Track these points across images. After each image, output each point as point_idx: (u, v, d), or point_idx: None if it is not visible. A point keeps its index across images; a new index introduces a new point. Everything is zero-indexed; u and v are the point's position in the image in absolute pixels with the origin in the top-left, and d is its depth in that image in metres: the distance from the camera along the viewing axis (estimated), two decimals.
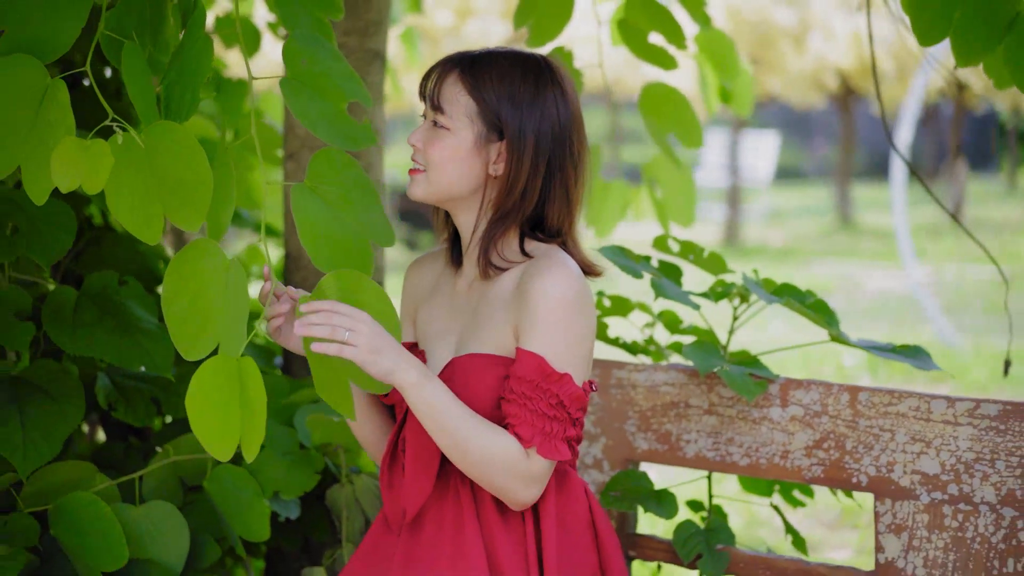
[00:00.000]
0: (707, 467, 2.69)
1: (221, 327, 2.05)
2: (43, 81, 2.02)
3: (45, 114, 2.03)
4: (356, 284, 2.10)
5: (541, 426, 2.13)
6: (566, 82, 2.26)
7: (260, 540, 2.78)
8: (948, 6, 2.38)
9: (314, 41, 2.15)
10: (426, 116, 2.26)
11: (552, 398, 2.14)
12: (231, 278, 2.06)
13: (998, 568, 2.38)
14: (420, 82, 2.29)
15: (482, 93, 2.20)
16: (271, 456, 2.84)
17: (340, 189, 2.11)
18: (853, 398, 2.54)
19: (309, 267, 3.32)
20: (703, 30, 3.85)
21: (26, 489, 2.75)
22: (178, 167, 1.99)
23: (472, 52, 2.27)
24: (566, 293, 2.16)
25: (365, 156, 3.34)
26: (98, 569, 2.63)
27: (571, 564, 2.22)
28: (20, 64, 2.01)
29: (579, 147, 2.27)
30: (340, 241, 2.10)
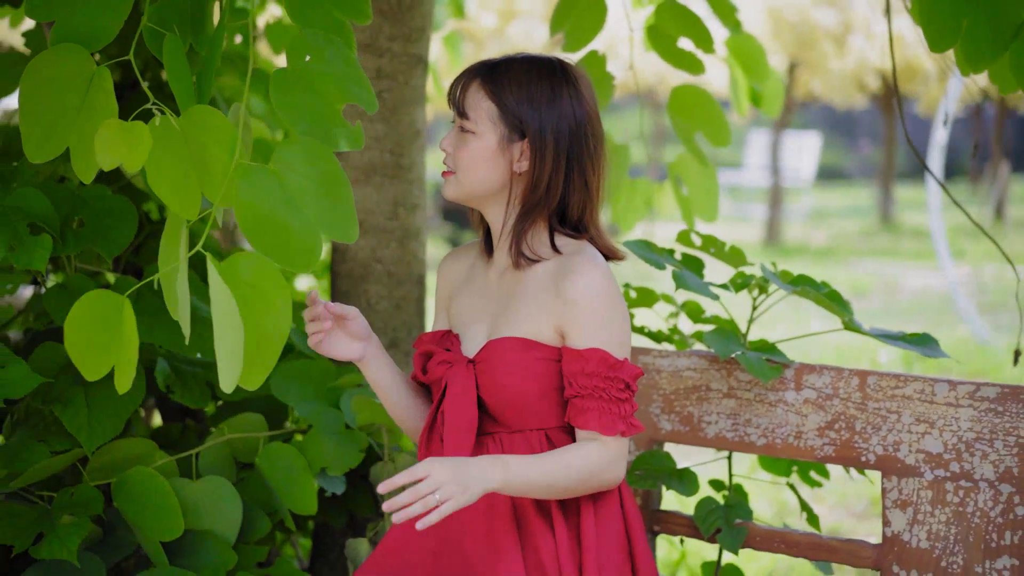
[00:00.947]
0: (726, 447, 2.86)
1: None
2: (90, 68, 2.15)
3: (91, 99, 2.16)
4: (257, 268, 2.13)
5: (617, 411, 2.32)
6: (580, 81, 2.43)
7: (308, 514, 2.95)
8: (957, 15, 2.49)
9: (324, 40, 2.22)
10: (454, 122, 2.44)
11: (620, 383, 2.33)
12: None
13: (996, 540, 2.54)
14: (448, 91, 2.46)
15: (502, 97, 2.37)
16: (319, 435, 3.01)
17: (305, 179, 2.13)
18: (862, 382, 2.71)
19: (355, 259, 3.50)
20: (734, 35, 4.01)
21: (91, 464, 2.92)
22: (212, 147, 2.10)
23: (492, 60, 2.44)
24: (602, 287, 2.34)
25: (409, 154, 3.52)
26: (157, 539, 2.79)
27: (602, 532, 2.40)
28: (68, 52, 2.15)
29: (595, 141, 2.43)
30: (285, 228, 2.11)
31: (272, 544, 3.28)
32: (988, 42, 2.50)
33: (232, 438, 3.04)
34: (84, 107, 2.15)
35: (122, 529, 2.94)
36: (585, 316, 2.32)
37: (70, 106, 2.16)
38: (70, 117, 2.16)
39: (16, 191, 2.71)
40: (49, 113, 2.15)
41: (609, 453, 2.34)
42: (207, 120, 2.08)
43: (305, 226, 2.12)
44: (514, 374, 2.37)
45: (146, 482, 2.81)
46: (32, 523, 2.75)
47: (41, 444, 2.85)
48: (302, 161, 2.13)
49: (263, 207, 2.09)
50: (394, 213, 3.49)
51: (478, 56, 16.12)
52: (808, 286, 2.87)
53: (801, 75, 17.69)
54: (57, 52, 2.14)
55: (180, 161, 2.09)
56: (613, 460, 2.34)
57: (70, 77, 2.14)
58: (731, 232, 19.14)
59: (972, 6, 2.48)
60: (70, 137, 2.17)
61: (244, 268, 2.08)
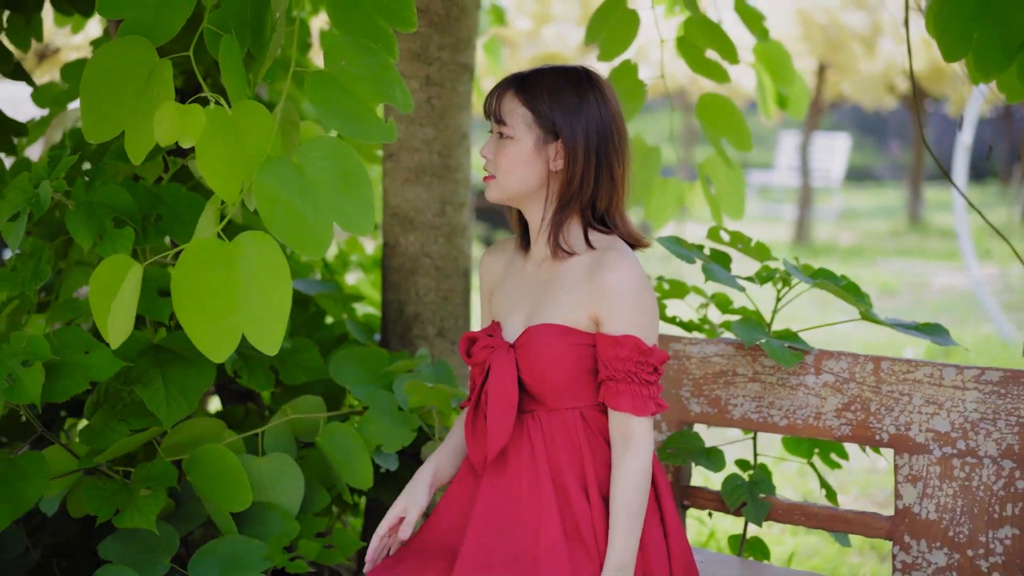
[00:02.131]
0: (751, 427, 3.09)
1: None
2: (152, 59, 2.35)
3: (151, 87, 2.35)
4: (262, 247, 2.27)
5: (647, 392, 2.55)
6: (603, 86, 2.66)
7: (364, 488, 3.18)
8: (968, 28, 2.68)
9: (361, 46, 2.42)
10: (492, 130, 2.67)
11: (649, 367, 2.55)
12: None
13: (998, 512, 2.77)
14: (484, 102, 2.70)
15: (536, 104, 2.60)
16: (374, 416, 3.24)
17: (325, 173, 2.28)
18: (876, 367, 2.93)
19: (405, 254, 3.74)
20: (761, 42, 4.24)
21: (165, 442, 3.16)
22: (255, 138, 2.28)
23: (523, 72, 2.67)
24: (635, 279, 2.56)
25: (456, 155, 3.77)
26: (226, 510, 3.04)
27: None
28: (134, 44, 2.34)
29: (620, 139, 2.66)
30: (300, 215, 2.25)
31: (331, 516, 3.51)
32: (997, 53, 2.68)
33: (294, 418, 3.27)
34: (143, 94, 2.34)
35: (193, 501, 3.18)
36: (619, 305, 2.55)
37: (130, 92, 2.34)
38: (130, 102, 2.34)
39: (101, 188, 2.95)
40: (110, 97, 2.34)
41: (638, 443, 2.55)
42: (253, 113, 2.27)
43: (319, 216, 2.26)
44: (551, 357, 2.60)
45: (216, 458, 3.05)
46: (113, 495, 2.99)
47: (121, 423, 3.10)
48: (324, 156, 2.29)
49: (280, 194, 2.24)
50: (442, 211, 3.73)
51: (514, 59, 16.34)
52: (827, 279, 3.09)
53: (830, 77, 17.81)
54: (123, 43, 2.34)
55: (227, 147, 2.26)
56: (644, 444, 2.56)
57: (133, 66, 2.34)
58: (761, 231, 19.28)
59: (982, 20, 2.67)
60: (128, 121, 2.35)
61: (250, 247, 2.25)
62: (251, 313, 2.24)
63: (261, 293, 2.24)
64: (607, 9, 3.73)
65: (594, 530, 2.56)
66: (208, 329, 2.25)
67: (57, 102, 4.59)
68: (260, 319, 2.24)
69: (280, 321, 2.26)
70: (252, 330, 2.25)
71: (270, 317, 2.24)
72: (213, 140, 2.24)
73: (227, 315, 2.24)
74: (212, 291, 2.23)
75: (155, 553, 3.02)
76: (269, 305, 2.24)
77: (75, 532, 3.51)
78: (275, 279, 2.24)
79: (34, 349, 2.83)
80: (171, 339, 3.16)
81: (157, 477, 3.04)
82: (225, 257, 2.23)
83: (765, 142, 29.20)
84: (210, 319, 2.24)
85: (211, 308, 2.24)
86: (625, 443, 2.55)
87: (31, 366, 2.79)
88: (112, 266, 2.33)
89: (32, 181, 2.88)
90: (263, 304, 2.24)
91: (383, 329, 3.87)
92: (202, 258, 2.23)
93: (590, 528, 2.56)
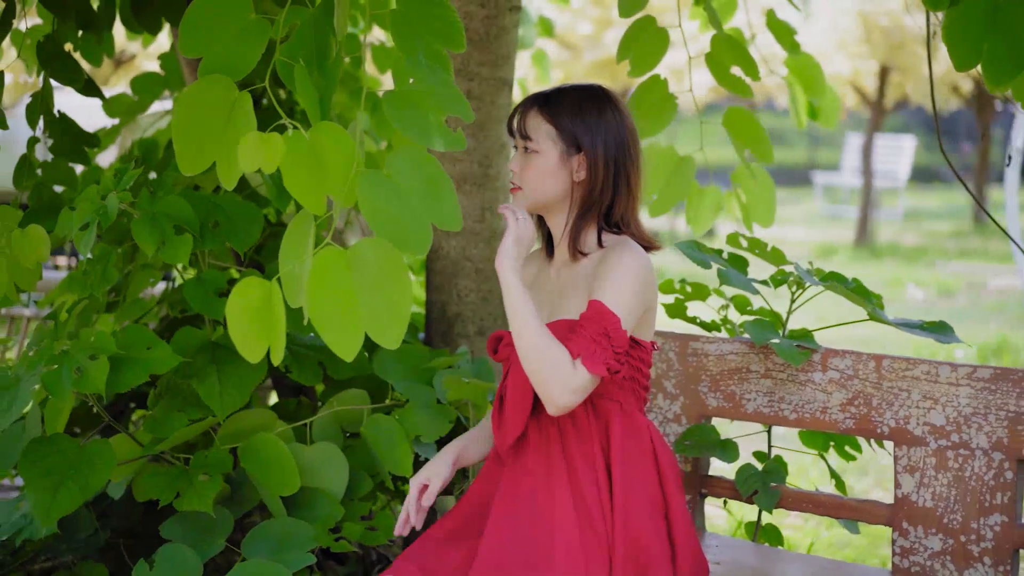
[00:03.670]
0: (763, 420, 3.31)
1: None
2: (232, 94, 2.53)
3: (234, 120, 2.53)
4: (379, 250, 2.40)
5: (588, 347, 2.70)
6: (619, 102, 2.89)
7: (404, 475, 3.43)
8: (979, 39, 2.83)
9: (424, 66, 2.61)
10: (517, 146, 2.89)
11: (601, 328, 2.71)
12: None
13: (989, 500, 2.97)
14: (508, 120, 2.92)
15: (559, 120, 2.83)
16: (414, 408, 3.49)
17: (413, 180, 2.43)
18: (878, 364, 3.14)
19: (447, 257, 3.98)
20: (792, 55, 4.45)
21: (221, 431, 3.42)
22: (334, 156, 2.44)
23: (544, 91, 2.90)
24: (631, 266, 2.76)
25: (496, 165, 4.01)
26: (276, 494, 3.29)
27: (633, 479, 2.83)
28: (215, 82, 2.53)
29: (635, 149, 2.88)
30: (400, 220, 2.41)
31: (374, 502, 3.77)
32: (1007, 63, 2.83)
33: (340, 410, 3.53)
34: (228, 127, 2.53)
35: (247, 487, 3.44)
36: (606, 278, 2.74)
37: (216, 126, 2.54)
38: (217, 135, 2.54)
39: (163, 198, 3.22)
40: (200, 133, 2.54)
41: (568, 371, 2.67)
42: (331, 134, 2.45)
43: (415, 217, 2.42)
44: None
45: (268, 446, 3.31)
46: (174, 480, 3.26)
47: (180, 414, 3.36)
48: (409, 166, 2.45)
49: (379, 204, 2.40)
50: (482, 216, 3.97)
51: (577, 63, 16.55)
52: (836, 281, 3.30)
53: (894, 78, 17.86)
54: (205, 82, 2.54)
55: (309, 167, 2.44)
56: (565, 379, 2.67)
57: (216, 102, 2.53)
58: (824, 233, 19.39)
59: (992, 32, 2.82)
60: (217, 152, 2.55)
61: (368, 252, 2.40)
62: (373, 312, 2.39)
63: (381, 293, 2.38)
64: (638, 27, 3.95)
65: (603, 515, 2.75)
66: (337, 330, 2.38)
67: (128, 112, 4.88)
68: (381, 317, 2.38)
69: (401, 316, 2.39)
70: (374, 328, 2.39)
71: (390, 314, 2.39)
72: (295, 162, 2.42)
73: (352, 316, 2.37)
74: (337, 296, 2.37)
75: (211, 534, 3.28)
76: (389, 303, 2.38)
77: (140, 515, 3.78)
78: (393, 278, 2.39)
79: (101, 345, 3.10)
80: (227, 337, 3.40)
81: (214, 464, 3.30)
82: (345, 264, 2.38)
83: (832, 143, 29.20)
84: (337, 321, 2.38)
85: (338, 311, 2.37)
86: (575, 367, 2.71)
87: (97, 360, 3.05)
88: (250, 289, 2.44)
89: (100, 193, 3.15)
90: (383, 303, 2.39)
91: (427, 328, 4.11)
92: (329, 267, 2.38)
93: (600, 513, 2.75)
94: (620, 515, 2.76)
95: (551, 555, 2.72)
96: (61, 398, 3.05)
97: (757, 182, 4.11)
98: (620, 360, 2.73)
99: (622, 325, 2.72)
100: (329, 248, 2.36)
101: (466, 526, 2.91)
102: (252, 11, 2.54)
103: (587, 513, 2.77)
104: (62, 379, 3.06)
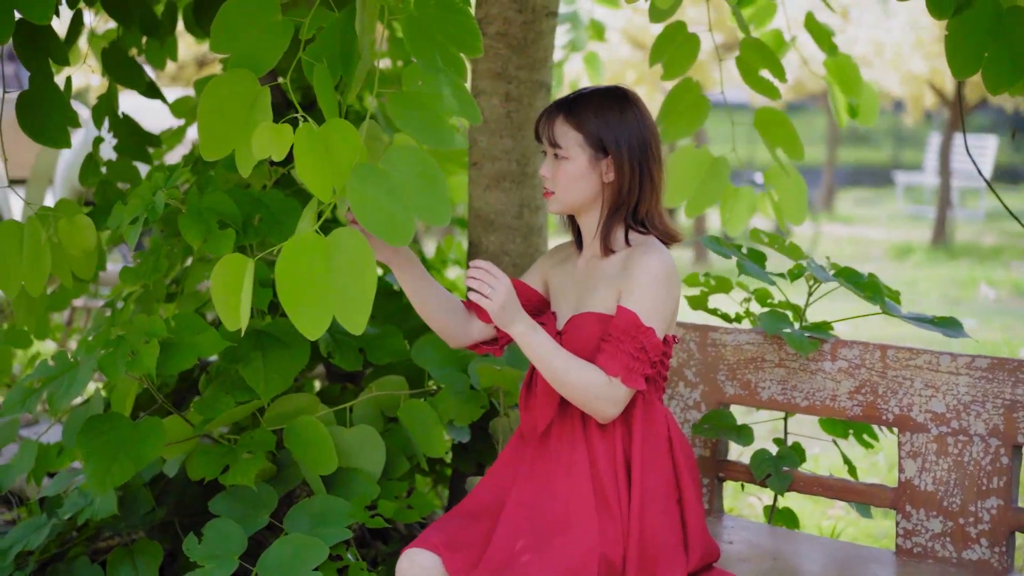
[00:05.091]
0: (777, 407, 3.46)
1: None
2: (255, 88, 2.70)
3: (254, 112, 2.69)
4: (351, 240, 2.57)
5: (626, 363, 2.86)
6: (639, 102, 3.01)
7: (437, 456, 3.62)
8: (978, 48, 2.98)
9: (434, 70, 2.77)
10: (546, 153, 3.01)
11: (638, 344, 2.87)
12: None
13: (986, 484, 3.11)
14: (535, 127, 3.05)
15: (585, 126, 2.95)
16: (448, 394, 3.68)
17: (406, 175, 2.59)
18: (883, 354, 3.28)
19: (487, 252, 4.17)
20: (831, 56, 4.58)
21: (267, 413, 3.61)
22: (342, 149, 2.60)
23: (567, 97, 3.02)
24: (659, 270, 2.90)
25: (532, 163, 4.18)
26: (317, 473, 3.48)
27: (650, 467, 2.99)
28: (240, 76, 2.70)
29: (656, 148, 3.01)
30: (387, 211, 2.55)
31: (412, 483, 3.97)
32: (1007, 70, 2.98)
33: (379, 395, 3.72)
34: (248, 118, 2.70)
35: (291, 467, 3.64)
36: (636, 285, 2.89)
37: (238, 116, 2.70)
38: (237, 124, 2.70)
39: (209, 195, 3.44)
40: (221, 121, 2.70)
41: (607, 390, 2.86)
42: (341, 129, 2.62)
43: (403, 211, 2.55)
44: (590, 342, 2.98)
45: (309, 428, 3.50)
46: (221, 458, 3.47)
47: (228, 397, 3.56)
48: (405, 162, 2.60)
49: (369, 195, 2.55)
50: (520, 213, 4.16)
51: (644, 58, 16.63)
52: (847, 277, 3.45)
53: (971, 78, 17.72)
54: (231, 75, 2.71)
55: (318, 157, 2.60)
56: (606, 397, 2.86)
57: (239, 94, 2.71)
58: (904, 233, 19.35)
59: (992, 41, 2.96)
60: (237, 140, 2.71)
61: (345, 241, 2.58)
62: (342, 297, 2.57)
63: (351, 280, 2.56)
64: (669, 33, 4.12)
65: (620, 500, 2.90)
66: (306, 311, 2.58)
67: (191, 113, 5.13)
68: (350, 303, 2.57)
69: (365, 305, 2.58)
70: (342, 312, 2.57)
71: (358, 301, 2.57)
72: (306, 152, 2.59)
73: (323, 299, 2.56)
74: (310, 279, 2.56)
75: (256, 510, 3.48)
76: (358, 291, 2.56)
77: (194, 494, 4.00)
78: (363, 268, 2.57)
79: (153, 330, 3.32)
80: (271, 325, 3.61)
81: (258, 443, 3.51)
82: (323, 250, 2.56)
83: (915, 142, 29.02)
84: (308, 303, 2.56)
85: (309, 293, 2.56)
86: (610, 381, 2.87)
87: (149, 344, 3.28)
88: (229, 263, 2.67)
89: (151, 189, 3.37)
90: (353, 290, 2.57)
91: None
92: (303, 250, 2.56)
93: (616, 498, 2.90)
94: (636, 501, 2.90)
95: (567, 526, 2.88)
96: (115, 378, 3.27)
97: (789, 181, 4.25)
98: (655, 367, 2.90)
99: (656, 334, 2.87)
100: (308, 234, 2.54)
101: (489, 503, 3.05)
102: (278, 13, 2.70)
103: (604, 497, 2.91)
104: (117, 362, 3.27)
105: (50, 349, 7.66)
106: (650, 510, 2.91)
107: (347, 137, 2.58)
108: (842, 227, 20.61)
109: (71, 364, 3.45)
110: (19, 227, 3.32)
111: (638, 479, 2.92)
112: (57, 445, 3.93)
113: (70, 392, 3.36)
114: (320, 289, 2.56)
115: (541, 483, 2.99)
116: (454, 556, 2.91)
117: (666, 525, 2.94)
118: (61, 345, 7.42)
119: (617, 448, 2.95)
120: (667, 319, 2.92)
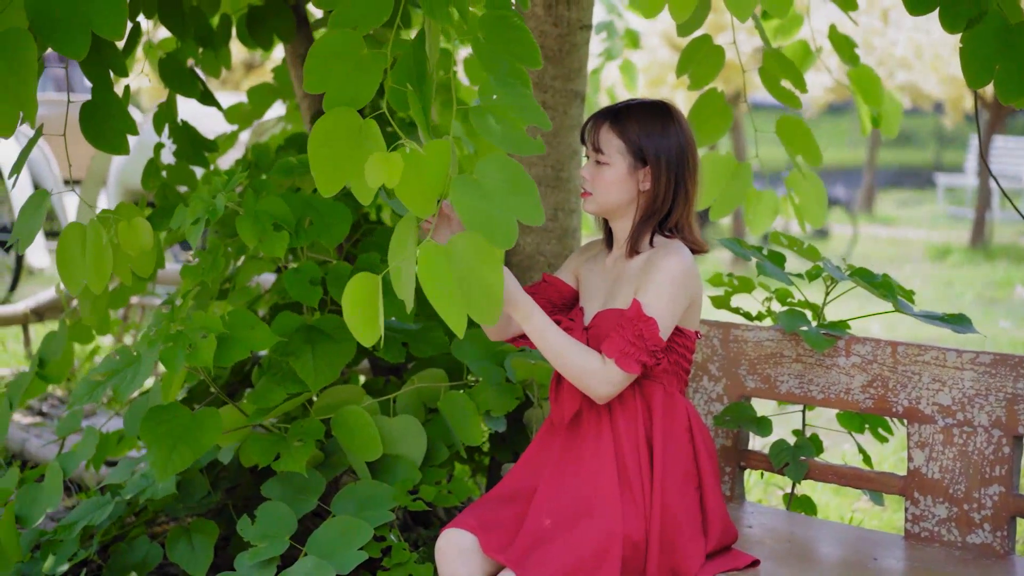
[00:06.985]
0: (794, 400, 3.67)
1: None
2: (358, 122, 2.84)
3: (364, 144, 2.83)
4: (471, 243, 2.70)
5: (622, 347, 3.04)
6: (680, 117, 3.20)
7: (475, 444, 3.83)
8: (990, 60, 3.14)
9: (506, 83, 2.94)
10: (588, 156, 3.21)
11: (637, 331, 3.05)
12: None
13: (989, 473, 3.32)
14: (581, 130, 3.25)
15: (628, 135, 3.14)
16: (485, 386, 3.90)
17: (498, 181, 2.71)
18: (894, 350, 3.49)
19: (523, 253, 4.37)
20: (854, 67, 4.78)
21: (316, 404, 3.83)
22: (437, 166, 2.74)
23: (614, 106, 3.21)
24: (676, 270, 3.08)
25: (567, 169, 4.41)
26: (362, 459, 3.70)
27: (671, 454, 3.16)
28: (342, 113, 2.84)
29: (693, 162, 3.19)
30: (489, 215, 2.68)
31: (451, 470, 4.19)
32: (1018, 82, 3.14)
33: (420, 387, 3.95)
34: (358, 151, 2.82)
35: (338, 454, 3.86)
36: (651, 283, 3.07)
37: (346, 152, 2.83)
38: (348, 158, 2.83)
39: (263, 199, 3.68)
40: (332, 159, 2.84)
41: (604, 372, 3.05)
42: (437, 148, 2.76)
43: (502, 214, 2.68)
44: None
45: (355, 418, 3.71)
46: (273, 446, 3.69)
47: (279, 388, 3.78)
48: (495, 170, 2.73)
49: (470, 204, 2.69)
50: (554, 216, 4.38)
51: None
52: (861, 277, 3.66)
53: None
54: (332, 115, 2.84)
55: (420, 177, 2.76)
56: (603, 378, 3.03)
57: (344, 131, 2.83)
58: (944, 234, 19.43)
59: (1004, 54, 3.13)
60: (350, 173, 2.84)
61: (462, 246, 2.72)
62: (469, 296, 2.70)
63: (475, 279, 2.70)
64: (695, 46, 4.34)
65: (642, 484, 3.09)
66: (446, 312, 2.70)
67: (245, 119, 5.37)
68: (477, 300, 2.70)
69: (495, 299, 2.72)
70: (472, 309, 2.71)
71: (485, 297, 2.71)
72: (409, 175, 2.74)
73: (454, 300, 2.69)
74: (441, 283, 2.69)
75: (306, 494, 3.70)
76: (482, 288, 2.70)
77: (247, 480, 4.25)
78: (485, 267, 2.70)
79: (210, 325, 3.55)
80: (321, 320, 3.83)
81: (308, 431, 3.72)
82: (444, 257, 2.70)
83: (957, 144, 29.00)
84: (444, 305, 2.70)
85: (443, 297, 2.70)
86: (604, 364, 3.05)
87: (207, 338, 3.51)
88: (360, 283, 2.80)
89: (211, 192, 3.61)
90: (478, 288, 2.70)
91: None
92: (429, 260, 2.70)
93: (639, 482, 3.09)
94: (658, 484, 3.09)
95: (592, 509, 3.06)
96: (175, 371, 3.51)
97: (808, 185, 4.45)
98: (656, 356, 3.06)
99: (659, 325, 3.05)
100: (428, 244, 2.71)
101: (522, 488, 3.24)
102: (363, 48, 2.84)
103: (628, 481, 3.10)
104: (177, 355, 3.51)
105: (105, 345, 7.94)
106: (671, 493, 3.10)
107: (442, 155, 2.75)
108: (881, 228, 20.71)
109: (134, 358, 3.68)
110: (82, 229, 3.51)
111: (659, 465, 3.11)
112: (117, 433, 4.18)
113: (134, 384, 3.58)
114: (451, 292, 2.71)
115: (570, 468, 3.18)
116: (489, 536, 3.08)
117: (686, 508, 3.12)
118: (118, 340, 7.70)
119: (640, 436, 3.14)
120: (674, 315, 3.09)
